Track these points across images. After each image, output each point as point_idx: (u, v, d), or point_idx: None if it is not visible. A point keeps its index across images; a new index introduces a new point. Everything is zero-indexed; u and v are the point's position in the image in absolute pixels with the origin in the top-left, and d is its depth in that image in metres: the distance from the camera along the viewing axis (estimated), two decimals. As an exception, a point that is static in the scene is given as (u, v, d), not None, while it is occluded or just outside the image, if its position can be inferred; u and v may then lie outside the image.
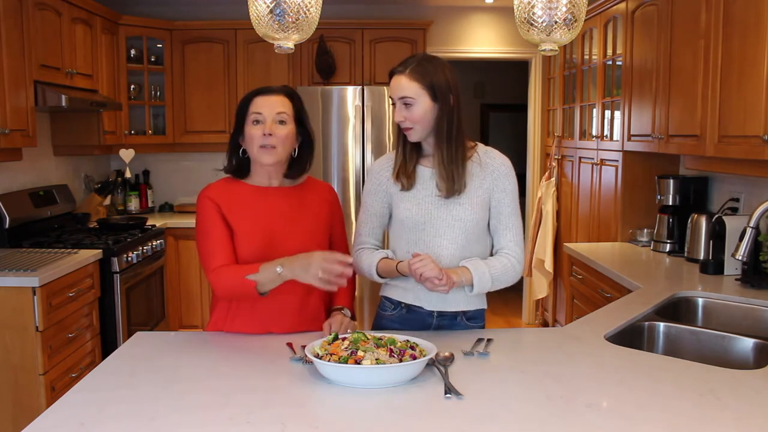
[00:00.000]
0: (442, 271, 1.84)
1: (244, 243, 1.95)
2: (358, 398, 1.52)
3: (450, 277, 1.86)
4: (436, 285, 1.85)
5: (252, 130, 1.94)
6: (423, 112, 1.92)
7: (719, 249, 2.93)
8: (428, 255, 1.87)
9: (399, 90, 1.93)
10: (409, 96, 1.92)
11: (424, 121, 1.93)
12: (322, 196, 2.11)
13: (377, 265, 2.01)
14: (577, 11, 2.20)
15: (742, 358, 2.09)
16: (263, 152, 1.94)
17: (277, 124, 1.94)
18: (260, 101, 1.95)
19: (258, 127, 1.93)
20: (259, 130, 1.93)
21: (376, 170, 2.09)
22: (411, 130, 1.95)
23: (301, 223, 2.02)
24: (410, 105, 1.92)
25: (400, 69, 1.95)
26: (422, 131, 1.95)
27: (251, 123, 1.94)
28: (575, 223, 4.59)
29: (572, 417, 1.43)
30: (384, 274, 2.03)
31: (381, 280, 2.06)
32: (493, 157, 2.03)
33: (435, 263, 1.85)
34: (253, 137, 1.94)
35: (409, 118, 1.93)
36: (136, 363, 1.77)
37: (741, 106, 2.58)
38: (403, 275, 1.96)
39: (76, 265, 3.28)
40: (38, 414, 1.45)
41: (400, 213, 2.01)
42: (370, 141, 4.77)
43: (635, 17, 3.60)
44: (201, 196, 2.00)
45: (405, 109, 1.93)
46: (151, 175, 5.44)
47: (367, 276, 2.05)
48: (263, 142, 1.93)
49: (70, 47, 3.95)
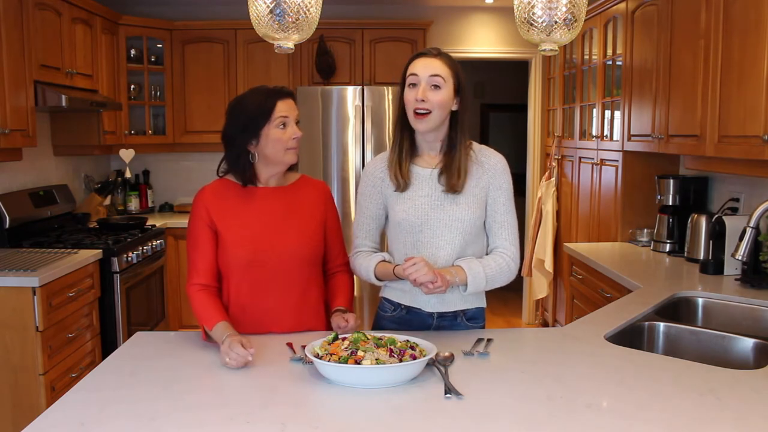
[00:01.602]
0: (437, 273, 1.84)
1: (233, 248, 1.98)
2: (358, 398, 1.52)
3: (444, 278, 1.85)
4: (432, 289, 1.84)
5: (279, 133, 1.96)
6: (446, 98, 1.91)
7: (719, 249, 2.92)
8: (421, 258, 1.85)
9: (431, 68, 1.90)
10: (440, 75, 1.90)
11: (444, 108, 1.92)
12: (316, 195, 2.11)
13: (375, 268, 2.01)
14: (577, 11, 2.20)
15: (742, 358, 2.09)
16: (291, 153, 2.00)
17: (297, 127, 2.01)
18: (283, 106, 1.97)
19: (286, 130, 1.97)
20: (286, 133, 1.97)
21: (370, 171, 2.07)
22: (427, 116, 1.91)
23: (293, 223, 2.03)
24: (438, 87, 1.90)
25: (433, 51, 1.94)
26: (438, 119, 1.93)
27: (276, 127, 1.96)
28: (575, 223, 4.59)
29: (572, 417, 1.43)
30: (382, 277, 2.03)
31: (379, 283, 2.06)
32: (488, 155, 2.03)
33: (429, 266, 1.84)
34: (282, 140, 1.97)
35: (433, 99, 1.89)
36: (136, 363, 1.77)
37: (741, 106, 2.58)
38: (401, 279, 1.96)
39: (76, 265, 3.28)
40: (38, 414, 1.45)
41: (397, 215, 2.00)
42: (370, 141, 4.77)
43: (635, 17, 3.60)
44: (195, 198, 2.06)
45: (432, 90, 1.90)
46: (151, 175, 5.44)
47: (366, 280, 2.05)
48: (290, 145, 1.98)
49: (70, 47, 3.95)
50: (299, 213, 2.05)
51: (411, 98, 1.92)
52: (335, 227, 2.14)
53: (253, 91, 2.02)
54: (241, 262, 1.96)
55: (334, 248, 2.13)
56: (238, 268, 1.98)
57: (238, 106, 1.99)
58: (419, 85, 1.91)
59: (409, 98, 1.93)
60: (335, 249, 2.13)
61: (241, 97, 2.03)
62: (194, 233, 2.01)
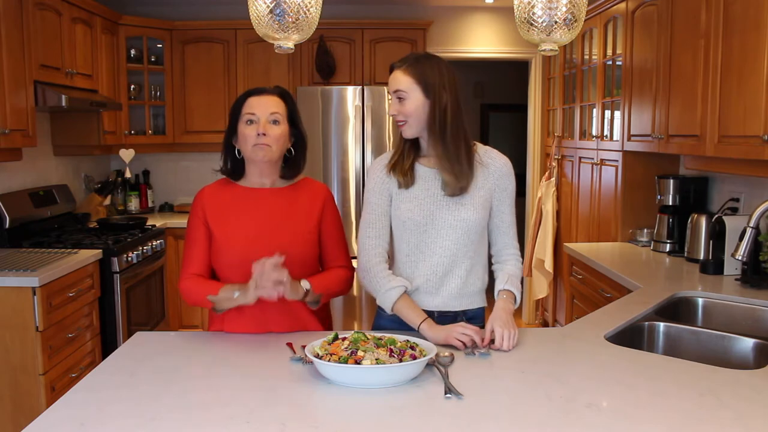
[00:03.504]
0: (478, 331, 1.86)
1: (224, 248, 2.00)
2: (358, 398, 1.52)
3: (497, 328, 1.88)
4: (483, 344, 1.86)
5: (246, 129, 1.97)
6: (414, 107, 1.93)
7: (719, 249, 2.92)
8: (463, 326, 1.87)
9: (394, 83, 1.96)
10: (401, 89, 1.94)
11: (416, 116, 1.94)
12: (316, 196, 2.09)
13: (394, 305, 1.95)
14: (577, 11, 2.21)
15: (742, 358, 2.09)
16: (257, 149, 1.97)
17: (270, 124, 1.97)
18: (254, 101, 1.98)
19: (252, 126, 1.97)
20: (253, 130, 1.96)
21: (377, 168, 2.07)
22: (404, 125, 1.97)
23: (287, 223, 2.02)
24: (402, 99, 1.94)
25: (397, 64, 1.98)
26: (415, 126, 1.96)
27: (245, 123, 1.98)
28: (575, 223, 4.59)
29: (572, 417, 1.43)
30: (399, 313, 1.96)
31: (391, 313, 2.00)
32: (494, 157, 2.03)
33: (472, 329, 1.85)
34: (247, 137, 1.97)
35: (401, 111, 1.94)
36: (136, 363, 1.77)
37: (741, 106, 2.58)
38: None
39: (76, 265, 3.28)
40: (38, 414, 1.45)
41: (402, 213, 1.99)
42: (370, 141, 4.77)
43: (635, 17, 3.60)
44: (194, 198, 2.10)
45: (398, 102, 1.95)
46: (151, 175, 5.44)
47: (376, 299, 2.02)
48: (257, 141, 1.96)
49: (70, 47, 3.95)
50: (295, 214, 2.04)
51: (390, 112, 2.01)
52: (333, 229, 2.11)
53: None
54: (233, 261, 1.97)
55: (332, 250, 2.10)
56: (230, 268, 1.98)
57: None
58: (393, 100, 1.98)
59: (389, 111, 2.02)
60: (334, 251, 2.10)
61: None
62: (190, 231, 2.06)
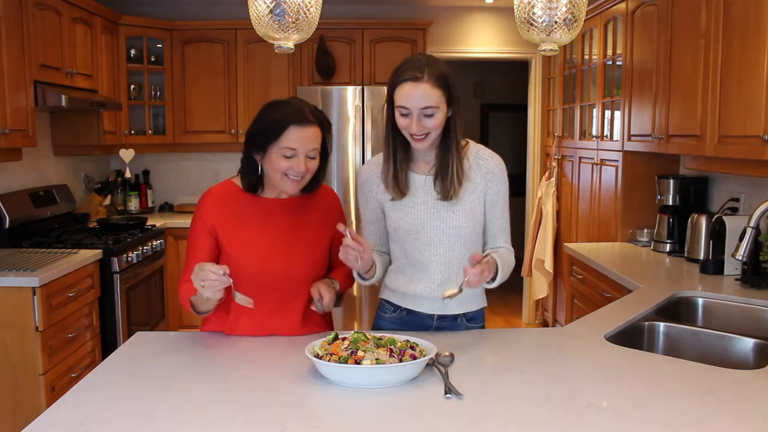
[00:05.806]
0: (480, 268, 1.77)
1: (238, 262, 1.91)
2: (358, 398, 1.52)
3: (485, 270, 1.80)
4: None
5: (281, 162, 1.84)
6: (441, 120, 1.82)
7: (719, 249, 2.92)
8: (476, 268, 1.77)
9: (423, 100, 1.78)
10: (433, 106, 1.79)
11: (441, 127, 1.85)
12: (325, 202, 2.05)
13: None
14: (577, 11, 2.20)
15: (742, 358, 2.09)
16: (288, 182, 1.88)
17: (308, 159, 1.87)
18: (295, 135, 1.83)
19: (289, 161, 1.84)
20: (288, 163, 1.84)
21: (366, 178, 2.02)
22: (425, 138, 1.84)
23: (301, 239, 1.97)
24: (432, 115, 1.80)
25: (417, 75, 1.78)
26: (435, 138, 1.87)
27: (281, 155, 1.84)
28: (575, 223, 4.59)
29: (572, 417, 1.43)
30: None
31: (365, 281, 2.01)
32: (486, 158, 1.98)
33: (479, 269, 1.77)
34: (280, 167, 1.85)
35: (429, 125, 1.80)
36: (136, 363, 1.77)
37: (741, 106, 2.58)
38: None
39: (76, 265, 3.28)
40: (38, 414, 1.45)
41: (392, 222, 1.97)
42: (369, 141, 4.77)
43: (635, 17, 3.60)
44: (200, 201, 1.98)
45: (427, 119, 1.80)
46: (151, 175, 5.43)
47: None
48: (290, 174, 1.86)
49: (70, 47, 3.94)
50: (308, 230, 1.98)
51: (404, 125, 1.84)
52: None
53: (285, 103, 1.90)
54: (245, 275, 1.91)
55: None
56: (241, 280, 1.89)
57: (266, 112, 1.89)
58: (411, 116, 1.81)
59: (402, 124, 1.85)
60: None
61: (275, 103, 1.91)
62: (194, 238, 1.96)
